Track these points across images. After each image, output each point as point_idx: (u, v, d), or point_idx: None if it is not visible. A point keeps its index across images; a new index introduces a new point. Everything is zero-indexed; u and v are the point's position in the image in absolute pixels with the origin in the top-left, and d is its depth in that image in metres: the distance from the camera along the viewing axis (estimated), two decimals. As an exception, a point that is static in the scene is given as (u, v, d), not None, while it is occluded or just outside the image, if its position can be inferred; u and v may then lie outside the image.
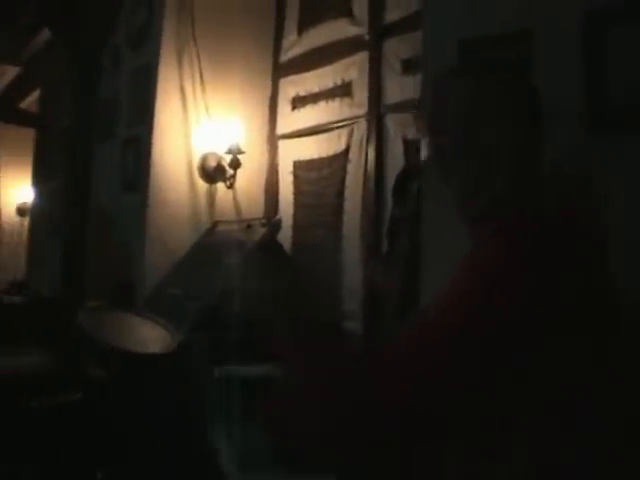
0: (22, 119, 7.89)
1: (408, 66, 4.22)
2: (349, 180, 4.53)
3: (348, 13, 4.71)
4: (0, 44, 7.62)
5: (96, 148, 5.78)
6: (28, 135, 7.88)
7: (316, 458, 1.40)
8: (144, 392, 2.82)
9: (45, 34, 6.97)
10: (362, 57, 4.55)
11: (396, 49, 4.34)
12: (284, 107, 5.20)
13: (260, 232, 4.38)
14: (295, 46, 5.18)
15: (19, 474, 2.49)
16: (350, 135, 4.56)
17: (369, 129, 4.41)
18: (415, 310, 2.84)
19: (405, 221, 3.42)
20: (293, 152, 5.06)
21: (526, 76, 1.55)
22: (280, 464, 2.15)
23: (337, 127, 4.68)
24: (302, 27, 5.14)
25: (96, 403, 2.78)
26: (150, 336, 2.94)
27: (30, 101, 8.41)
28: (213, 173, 4.95)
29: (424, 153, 3.07)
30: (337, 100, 4.72)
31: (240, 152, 4.82)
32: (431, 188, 2.75)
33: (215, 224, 4.88)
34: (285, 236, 4.74)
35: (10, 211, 8.66)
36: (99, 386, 2.79)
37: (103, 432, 2.77)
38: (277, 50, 5.34)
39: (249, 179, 5.10)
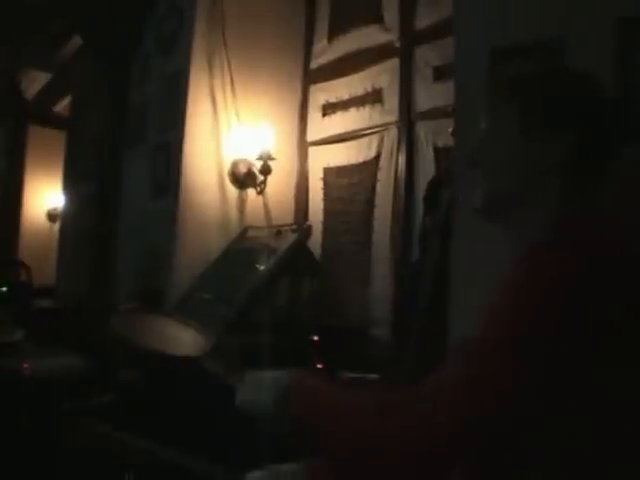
0: (54, 122, 7.94)
1: (439, 73, 4.22)
2: (379, 187, 4.53)
3: (378, 20, 4.72)
4: (32, 51, 7.69)
5: (126, 154, 5.83)
6: (59, 141, 7.92)
7: None
8: (177, 394, 2.83)
9: (76, 41, 7.02)
10: (393, 64, 4.56)
11: (427, 56, 4.35)
12: (314, 114, 5.21)
13: (290, 238, 4.39)
14: (325, 53, 5.19)
15: (53, 473, 2.51)
16: (381, 142, 4.57)
17: (400, 136, 4.42)
18: (444, 318, 2.84)
19: (436, 229, 3.42)
20: (323, 159, 5.08)
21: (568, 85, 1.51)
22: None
23: (367, 134, 4.69)
24: (332, 34, 5.15)
25: (128, 405, 2.80)
26: (183, 338, 2.95)
27: (61, 107, 8.48)
28: (243, 179, 4.97)
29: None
30: (367, 107, 4.73)
31: (271, 158, 4.83)
32: (462, 197, 2.74)
33: (245, 230, 4.90)
34: (315, 242, 4.75)
35: (40, 217, 8.73)
36: (132, 388, 2.80)
37: (133, 433, 2.79)
38: (307, 57, 5.36)
39: (279, 185, 5.12)
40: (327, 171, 5.02)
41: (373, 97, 4.69)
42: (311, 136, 5.26)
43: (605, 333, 1.15)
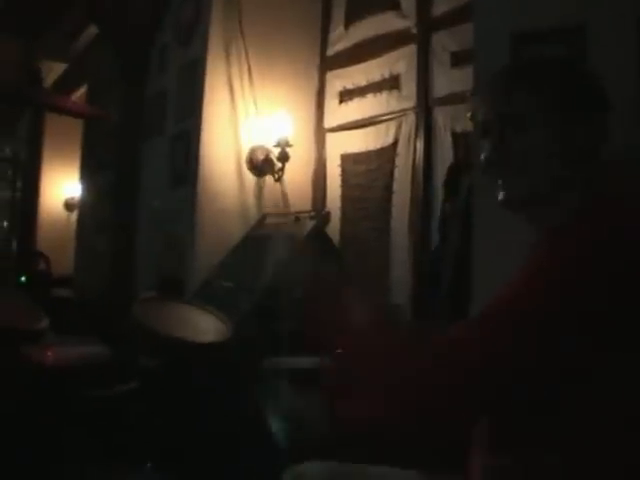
0: (72, 111, 7.95)
1: (457, 59, 4.20)
2: (397, 173, 4.53)
3: (395, 6, 4.70)
4: (48, 41, 7.71)
5: (144, 143, 5.84)
6: (76, 131, 7.95)
7: (384, 443, 1.38)
8: (199, 381, 2.85)
9: (92, 31, 7.04)
10: (410, 50, 4.54)
11: (445, 42, 4.33)
12: (331, 100, 5.21)
13: (308, 224, 4.39)
14: (342, 39, 5.18)
15: (78, 461, 2.53)
16: (398, 128, 4.56)
17: (417, 122, 4.41)
18: (466, 304, 2.84)
19: (456, 215, 3.42)
20: (341, 145, 5.07)
21: (573, 69, 1.50)
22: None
23: (385, 120, 4.68)
24: (349, 20, 5.14)
25: (151, 392, 2.82)
26: (205, 326, 2.97)
27: (77, 97, 8.49)
28: (261, 166, 4.98)
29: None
30: (385, 93, 4.72)
31: (288, 145, 4.83)
32: (482, 183, 2.73)
33: (264, 217, 4.91)
34: (333, 229, 4.75)
35: (58, 206, 8.75)
36: (155, 375, 2.82)
37: (155, 422, 2.81)
38: (324, 43, 5.35)
39: (297, 172, 5.12)
40: (345, 158, 5.01)
41: (390, 83, 4.67)
42: (328, 123, 5.25)
43: (625, 302, 1.16)
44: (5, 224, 9.20)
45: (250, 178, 5.01)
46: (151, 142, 5.72)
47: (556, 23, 2.60)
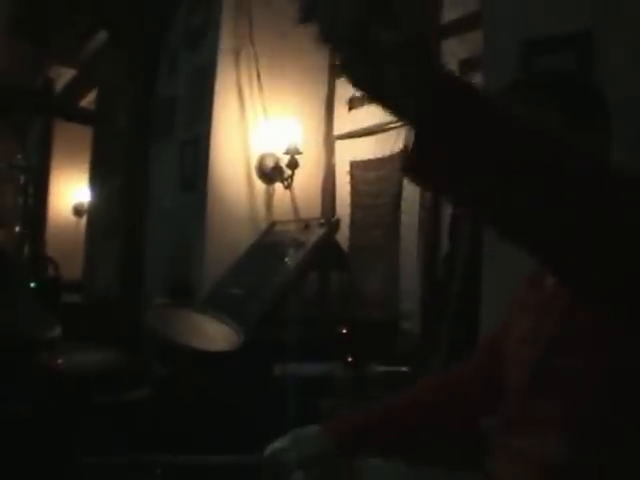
0: (80, 117, 7.98)
1: (466, 66, 4.20)
2: (407, 180, 4.51)
3: (405, 13, 4.69)
4: (58, 46, 7.73)
5: (153, 148, 5.86)
6: (85, 136, 7.97)
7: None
8: (210, 388, 2.86)
9: (102, 35, 7.06)
10: (419, 57, 4.53)
11: (454, 49, 4.32)
12: (341, 108, 5.21)
13: (318, 232, 4.40)
14: (352, 47, 5.17)
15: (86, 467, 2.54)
16: (408, 135, 4.55)
17: (427, 129, 4.40)
18: (476, 310, 2.84)
19: (466, 222, 3.42)
20: (350, 152, 5.07)
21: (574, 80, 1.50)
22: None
23: (394, 127, 4.67)
24: (358, 27, 5.13)
25: (163, 399, 2.82)
26: (216, 334, 2.98)
27: (87, 102, 8.52)
28: (271, 173, 4.99)
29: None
30: (394, 100, 4.71)
31: (298, 152, 4.84)
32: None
33: (273, 224, 4.92)
34: (342, 236, 4.76)
35: (67, 211, 8.77)
36: (166, 383, 2.83)
37: (165, 427, 2.81)
38: (333, 51, 5.33)
39: (306, 179, 5.13)
40: (354, 165, 5.01)
41: (400, 90, 4.67)
42: (338, 130, 5.25)
43: None
44: (17, 229, 9.22)
45: (259, 185, 5.02)
46: (160, 147, 5.73)
47: (564, 30, 2.61)
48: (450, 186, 1.06)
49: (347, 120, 5.14)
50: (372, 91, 0.98)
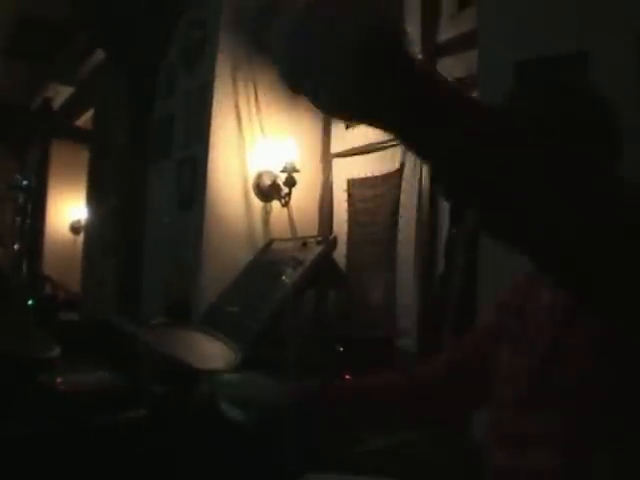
0: (77, 136, 8.01)
1: (462, 84, 4.23)
2: (404, 198, 4.54)
3: (401, 32, 4.72)
4: (55, 65, 7.77)
5: (151, 167, 5.87)
6: (82, 154, 7.99)
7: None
8: (207, 408, 2.85)
9: (99, 55, 7.09)
10: (415, 76, 4.55)
11: (450, 68, 4.35)
12: (338, 126, 5.23)
13: (316, 250, 4.40)
14: (348, 65, 5.19)
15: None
16: (404, 153, 4.57)
17: (424, 147, 4.41)
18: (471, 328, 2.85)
19: (462, 240, 3.44)
20: (347, 170, 5.09)
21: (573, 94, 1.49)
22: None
23: (391, 145, 4.68)
24: (355, 46, 5.15)
25: (161, 419, 2.82)
26: (214, 353, 2.97)
27: (84, 121, 8.55)
28: (268, 191, 5.01)
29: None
30: (391, 119, 4.73)
31: (295, 170, 4.86)
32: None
33: (270, 242, 4.93)
34: (340, 254, 4.76)
35: (64, 228, 8.78)
36: (164, 402, 2.83)
37: (166, 449, 2.81)
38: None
39: (304, 197, 5.15)
40: (351, 183, 5.03)
41: (396, 109, 4.68)
42: (335, 148, 5.27)
43: None
44: (15, 247, 9.25)
45: (257, 203, 5.03)
46: (158, 166, 5.75)
47: (559, 51, 2.63)
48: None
49: (344, 138, 5.16)
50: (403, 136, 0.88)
